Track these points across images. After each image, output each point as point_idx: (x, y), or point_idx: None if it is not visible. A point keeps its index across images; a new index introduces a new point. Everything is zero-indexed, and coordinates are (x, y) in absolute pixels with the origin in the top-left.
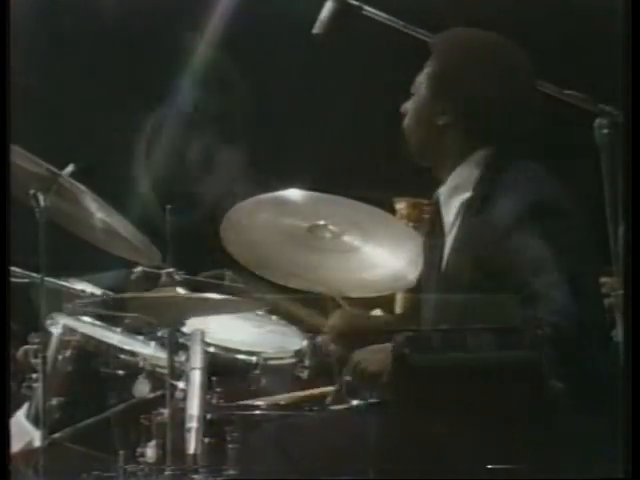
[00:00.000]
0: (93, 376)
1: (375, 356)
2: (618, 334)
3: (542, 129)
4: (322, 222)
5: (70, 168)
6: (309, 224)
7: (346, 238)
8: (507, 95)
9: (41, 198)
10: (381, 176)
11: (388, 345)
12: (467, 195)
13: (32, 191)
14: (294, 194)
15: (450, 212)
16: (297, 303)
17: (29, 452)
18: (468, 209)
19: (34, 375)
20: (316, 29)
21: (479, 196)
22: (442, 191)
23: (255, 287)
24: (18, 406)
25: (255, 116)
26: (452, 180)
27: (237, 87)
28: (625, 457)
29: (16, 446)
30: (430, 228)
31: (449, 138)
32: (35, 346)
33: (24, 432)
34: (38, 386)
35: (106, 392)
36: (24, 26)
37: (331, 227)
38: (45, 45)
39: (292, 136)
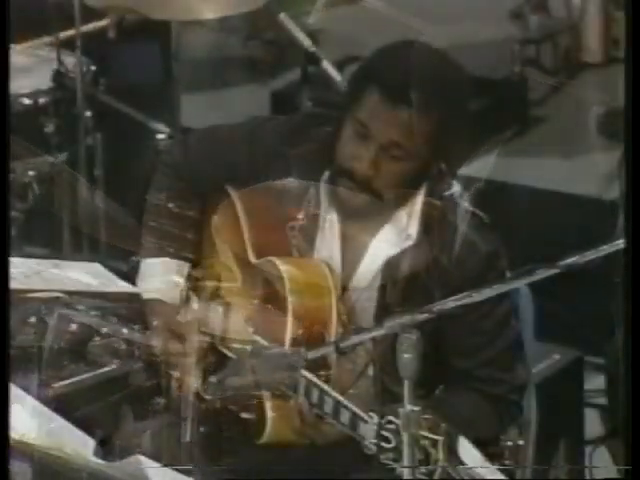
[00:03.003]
0: (88, 365)
1: None
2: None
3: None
4: (319, 211)
5: (65, 156)
6: (306, 214)
7: (343, 227)
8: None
9: (37, 186)
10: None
11: None
12: (478, 187)
13: (28, 179)
14: (291, 183)
15: (461, 206)
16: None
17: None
18: (478, 202)
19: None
20: (312, 19)
21: (490, 189)
22: (454, 189)
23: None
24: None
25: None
26: (460, 178)
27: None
28: (625, 457)
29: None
30: (440, 222)
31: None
32: (31, 336)
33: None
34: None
35: (102, 381)
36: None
37: (328, 216)
38: None
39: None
